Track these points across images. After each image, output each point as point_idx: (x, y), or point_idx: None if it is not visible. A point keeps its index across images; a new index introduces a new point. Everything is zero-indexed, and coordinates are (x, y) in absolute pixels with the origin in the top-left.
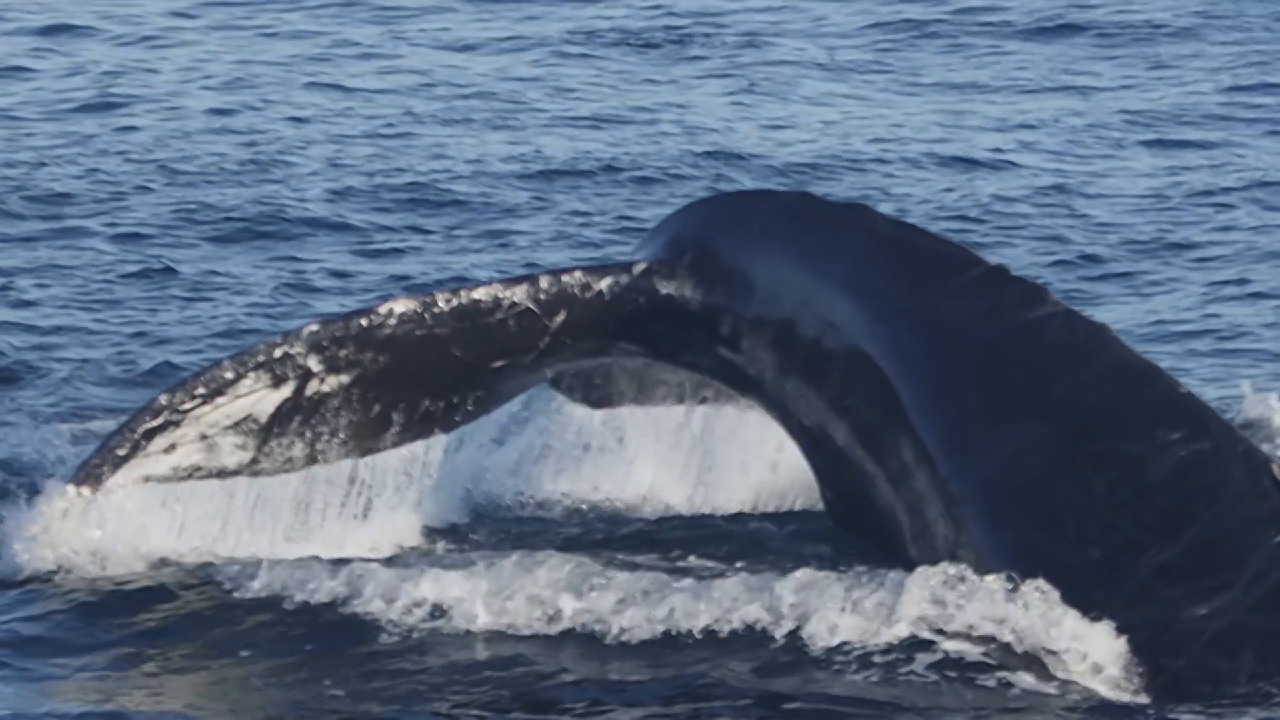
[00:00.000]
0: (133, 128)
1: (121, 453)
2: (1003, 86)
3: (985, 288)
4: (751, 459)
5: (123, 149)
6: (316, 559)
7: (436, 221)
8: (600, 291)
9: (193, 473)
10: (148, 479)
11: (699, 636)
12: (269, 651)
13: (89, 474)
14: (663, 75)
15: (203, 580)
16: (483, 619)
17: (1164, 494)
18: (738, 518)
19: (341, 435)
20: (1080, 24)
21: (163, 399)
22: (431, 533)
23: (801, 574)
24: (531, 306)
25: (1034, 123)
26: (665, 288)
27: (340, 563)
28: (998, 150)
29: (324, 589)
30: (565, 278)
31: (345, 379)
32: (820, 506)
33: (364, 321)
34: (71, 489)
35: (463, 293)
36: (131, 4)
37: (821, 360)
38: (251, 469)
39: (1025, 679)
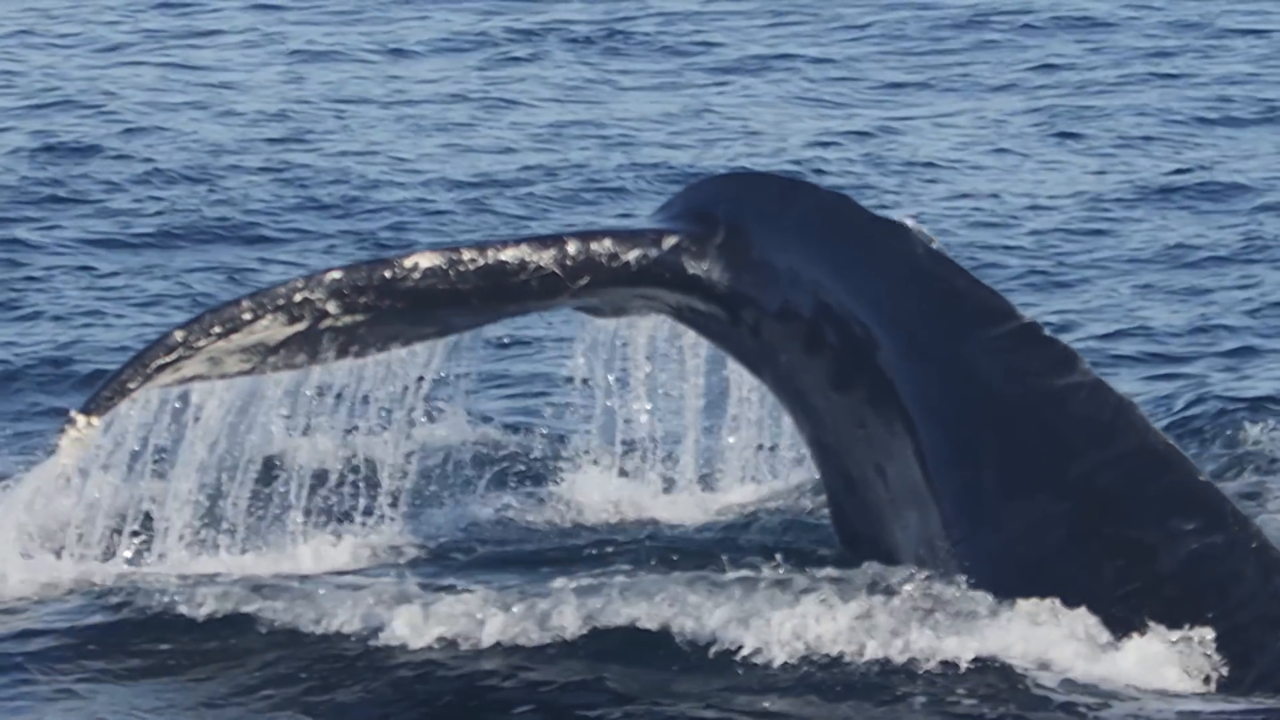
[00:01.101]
0: (68, 131)
1: (132, 385)
2: (936, 84)
3: (1016, 345)
4: None
5: (60, 154)
6: (258, 577)
7: (372, 226)
8: (627, 262)
9: (193, 380)
10: (149, 387)
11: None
12: (205, 669)
13: (99, 403)
14: (602, 77)
15: (161, 597)
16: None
17: (1173, 586)
18: (708, 527)
19: (344, 348)
20: (1019, 21)
21: (177, 335)
22: (394, 543)
23: (759, 583)
24: (556, 271)
25: (968, 122)
26: (693, 267)
27: (282, 580)
28: (934, 149)
29: (264, 607)
30: (594, 245)
31: (359, 318)
32: (789, 516)
33: (387, 273)
34: (81, 418)
35: (490, 251)
36: (67, 4)
37: (841, 375)
38: (251, 374)
39: (1003, 691)
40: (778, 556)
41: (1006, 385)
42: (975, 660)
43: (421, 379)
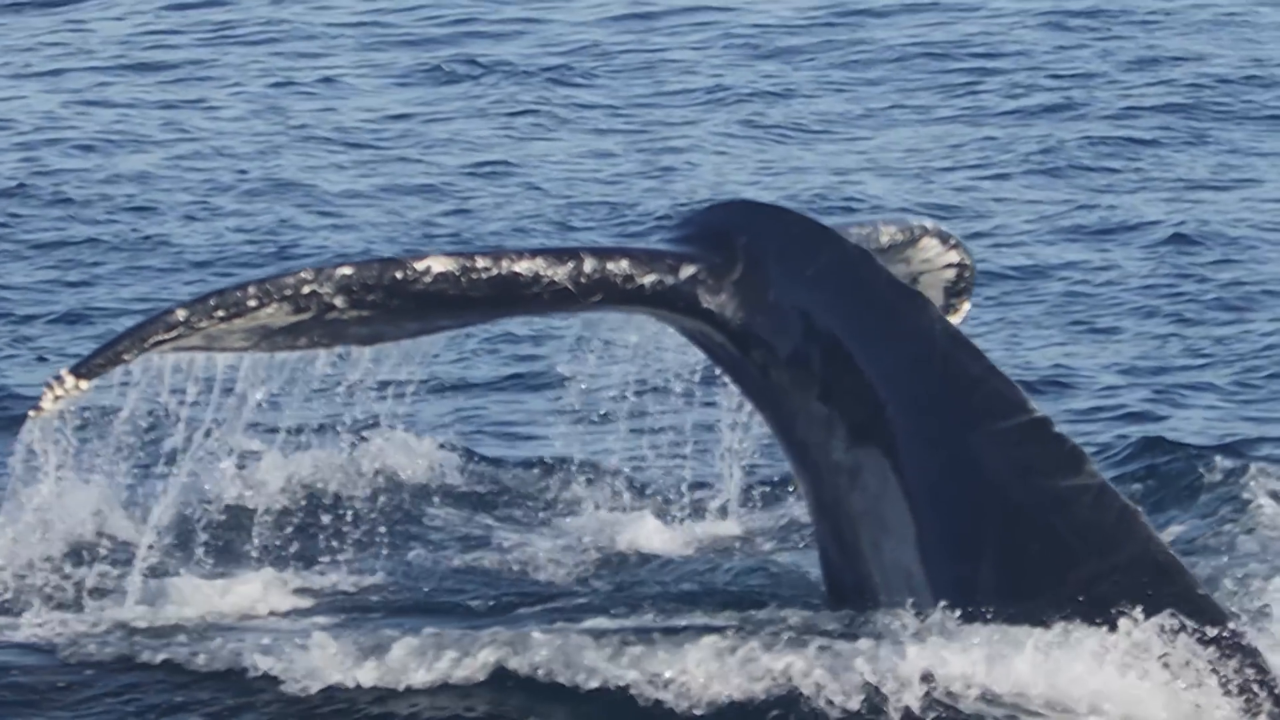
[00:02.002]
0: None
1: (127, 356)
2: (875, 116)
3: (1024, 441)
4: None
5: None
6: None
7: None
8: (642, 285)
9: (188, 350)
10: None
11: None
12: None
13: (90, 367)
14: (542, 114)
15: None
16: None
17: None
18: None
19: (341, 338)
20: (948, 51)
21: (179, 314)
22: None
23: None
24: (569, 287)
25: (896, 159)
26: (707, 300)
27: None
28: (870, 187)
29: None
30: (610, 265)
31: (365, 313)
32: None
33: (398, 273)
34: (70, 379)
35: (504, 261)
36: (21, 30)
37: (845, 440)
38: (247, 352)
39: None
40: (739, 601)
41: (1011, 482)
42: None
43: (395, 419)
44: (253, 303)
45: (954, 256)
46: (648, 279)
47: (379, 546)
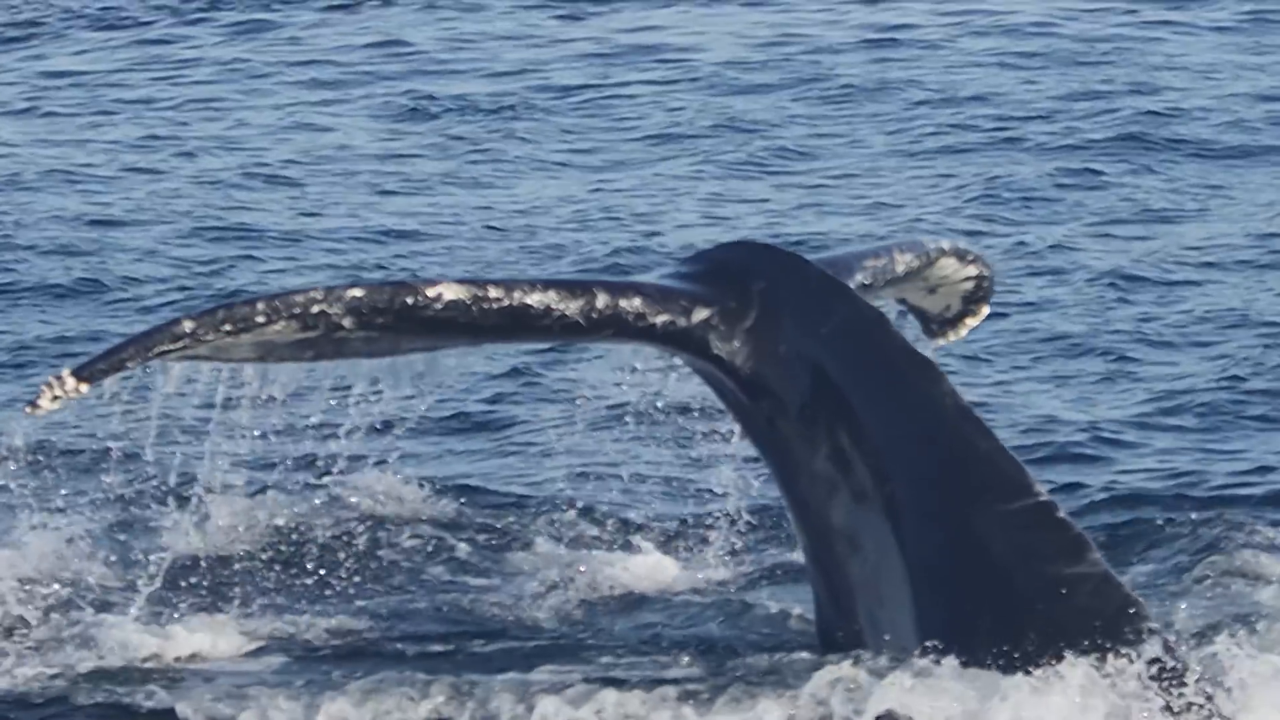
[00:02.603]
0: None
1: (131, 364)
2: (824, 153)
3: (1028, 525)
4: None
5: None
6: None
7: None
8: (653, 325)
9: (192, 359)
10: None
11: None
12: None
13: (92, 370)
14: (497, 155)
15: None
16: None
17: None
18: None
19: (344, 353)
20: (903, 88)
21: (186, 325)
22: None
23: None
24: (580, 321)
25: (852, 195)
26: (718, 346)
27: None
28: (819, 222)
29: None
30: (623, 303)
31: (373, 334)
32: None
33: (409, 298)
34: (71, 380)
35: (516, 293)
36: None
37: (848, 503)
38: (252, 363)
39: None
40: (708, 645)
41: (1013, 566)
42: None
43: (362, 459)
44: (261, 319)
45: (972, 270)
46: (659, 318)
47: (339, 588)
